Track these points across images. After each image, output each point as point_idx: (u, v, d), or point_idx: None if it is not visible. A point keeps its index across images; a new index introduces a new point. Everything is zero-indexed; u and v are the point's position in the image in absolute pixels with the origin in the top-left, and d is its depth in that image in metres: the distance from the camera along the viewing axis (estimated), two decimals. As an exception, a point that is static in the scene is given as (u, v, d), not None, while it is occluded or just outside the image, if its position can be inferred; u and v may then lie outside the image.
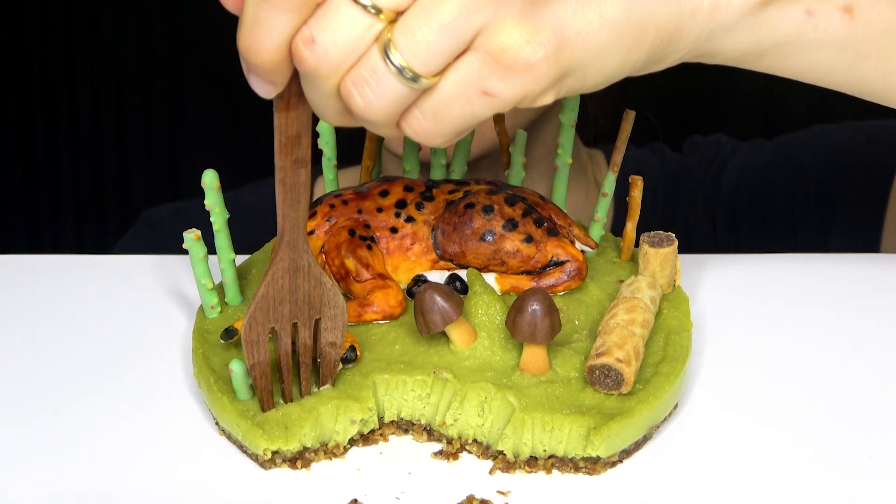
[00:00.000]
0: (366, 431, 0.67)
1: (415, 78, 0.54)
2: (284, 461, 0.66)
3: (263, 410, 0.66)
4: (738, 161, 1.11)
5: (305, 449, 0.66)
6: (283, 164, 0.60)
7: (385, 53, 0.54)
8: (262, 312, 0.64)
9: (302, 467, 0.66)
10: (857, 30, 0.64)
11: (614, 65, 0.58)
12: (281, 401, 0.66)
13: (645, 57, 0.59)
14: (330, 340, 0.66)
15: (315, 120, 0.60)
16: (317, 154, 0.78)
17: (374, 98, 0.55)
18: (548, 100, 0.57)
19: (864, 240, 1.03)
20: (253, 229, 0.90)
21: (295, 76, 0.56)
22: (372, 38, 0.54)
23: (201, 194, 0.70)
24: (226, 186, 0.71)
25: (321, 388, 0.67)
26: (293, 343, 0.66)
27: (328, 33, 0.53)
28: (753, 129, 1.29)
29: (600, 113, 1.08)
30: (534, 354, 0.67)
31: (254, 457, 0.66)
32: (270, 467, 0.66)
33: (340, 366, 0.68)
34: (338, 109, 0.56)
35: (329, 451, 0.67)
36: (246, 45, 0.54)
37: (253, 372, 0.65)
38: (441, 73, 0.54)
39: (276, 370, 0.67)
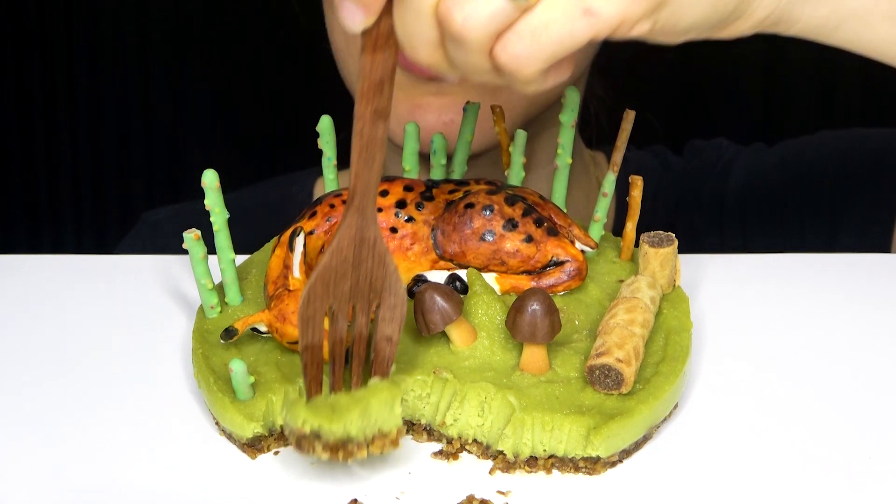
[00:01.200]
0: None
1: None
2: (325, 448, 0.60)
3: (308, 399, 0.62)
4: (742, 163, 1.11)
5: (349, 439, 0.61)
6: (362, 113, 0.57)
7: None
8: (322, 285, 0.59)
9: (344, 459, 0.61)
10: None
11: (706, 5, 0.59)
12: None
13: (732, 6, 0.60)
14: (387, 334, 0.62)
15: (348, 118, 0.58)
16: (317, 154, 0.78)
17: (472, 13, 0.54)
18: (643, 29, 0.57)
19: (873, 242, 1.03)
20: (253, 229, 0.90)
21: (386, 12, 0.55)
22: None
23: (201, 195, 0.70)
24: (226, 188, 0.71)
25: (370, 382, 0.63)
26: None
27: None
28: (754, 135, 1.29)
29: (602, 114, 1.08)
30: (534, 354, 0.67)
31: (283, 443, 0.62)
32: (308, 450, 0.60)
33: (394, 367, 0.64)
34: (431, 39, 0.56)
35: (389, 440, 0.62)
36: None
37: (304, 356, 0.60)
38: None
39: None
